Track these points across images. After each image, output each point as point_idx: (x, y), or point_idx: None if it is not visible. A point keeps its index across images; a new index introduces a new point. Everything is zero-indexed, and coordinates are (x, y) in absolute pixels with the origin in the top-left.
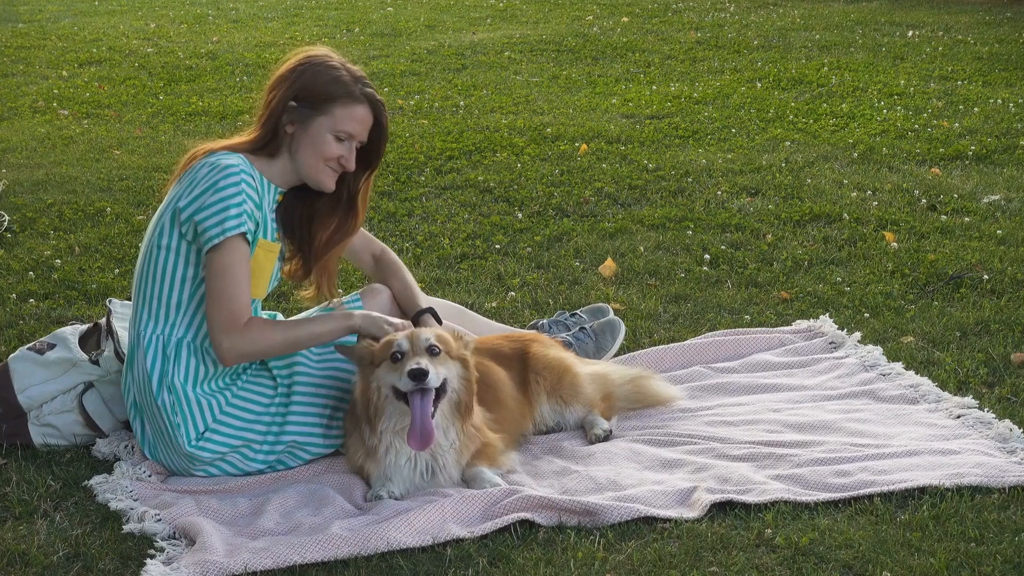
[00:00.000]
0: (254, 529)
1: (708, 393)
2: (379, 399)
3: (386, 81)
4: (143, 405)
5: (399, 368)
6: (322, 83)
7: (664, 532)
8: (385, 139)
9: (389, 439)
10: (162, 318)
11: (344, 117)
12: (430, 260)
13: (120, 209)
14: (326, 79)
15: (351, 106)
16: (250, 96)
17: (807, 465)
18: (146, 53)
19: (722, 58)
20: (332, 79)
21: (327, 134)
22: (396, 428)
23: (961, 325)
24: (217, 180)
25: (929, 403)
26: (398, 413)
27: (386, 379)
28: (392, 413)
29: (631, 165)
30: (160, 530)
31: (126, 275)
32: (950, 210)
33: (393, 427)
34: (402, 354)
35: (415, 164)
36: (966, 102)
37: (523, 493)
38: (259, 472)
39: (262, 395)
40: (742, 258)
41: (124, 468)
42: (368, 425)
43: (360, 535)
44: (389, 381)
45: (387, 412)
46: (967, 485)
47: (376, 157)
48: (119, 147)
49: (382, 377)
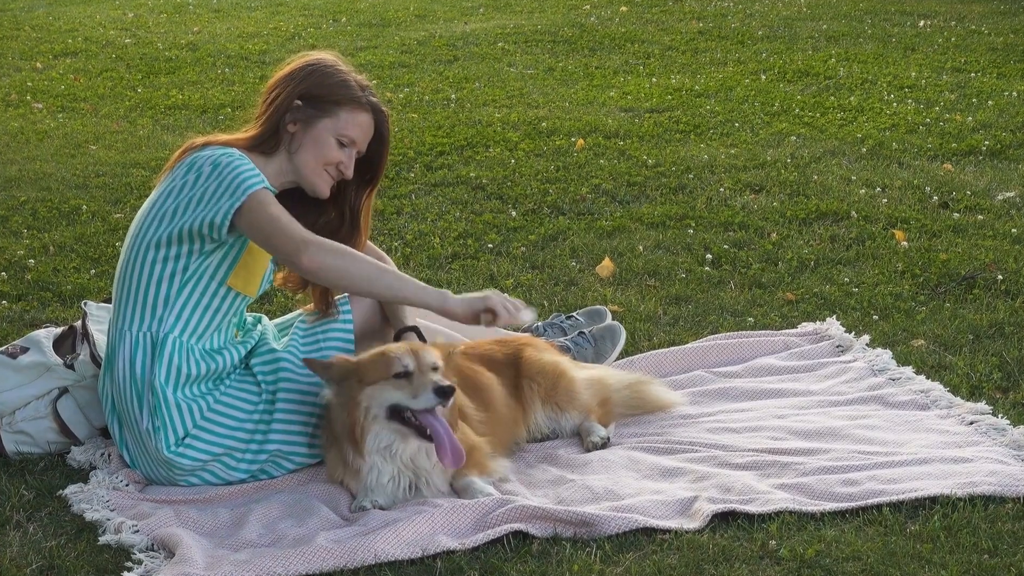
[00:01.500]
0: (236, 541)
1: (710, 399)
2: (366, 419)
3: (374, 73)
4: (122, 409)
5: (409, 386)
6: (330, 85)
7: (664, 544)
8: (386, 152)
9: (372, 460)
10: (148, 314)
11: (349, 122)
12: (420, 260)
13: (96, 207)
14: (335, 81)
15: (356, 112)
16: (232, 89)
17: (813, 474)
18: (124, 44)
19: (725, 49)
20: (341, 82)
21: (330, 137)
22: (381, 447)
23: (974, 327)
24: (218, 157)
25: (941, 409)
26: (387, 432)
27: (382, 397)
28: (379, 433)
29: (630, 161)
30: (138, 542)
31: (103, 276)
32: (963, 208)
33: (379, 447)
34: (408, 373)
35: (404, 160)
36: (980, 95)
37: (516, 503)
38: (241, 481)
39: (246, 401)
40: (745, 258)
41: (100, 477)
42: (351, 445)
43: (346, 547)
44: (387, 400)
45: (373, 432)
46: (980, 494)
47: (377, 171)
48: (95, 142)
49: (375, 396)
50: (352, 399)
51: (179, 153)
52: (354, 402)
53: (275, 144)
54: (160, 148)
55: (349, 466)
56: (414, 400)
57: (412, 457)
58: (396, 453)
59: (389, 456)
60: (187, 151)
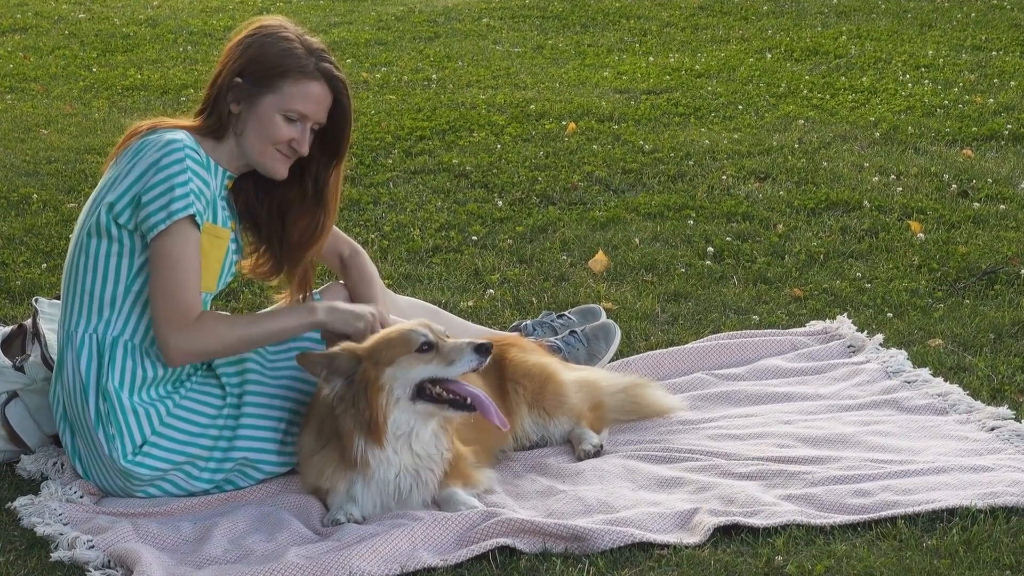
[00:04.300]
0: (199, 557)
1: (711, 403)
2: (388, 403)
3: (348, 51)
4: (74, 416)
5: (438, 356)
6: (271, 56)
7: (661, 559)
8: (349, 122)
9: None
10: (95, 315)
11: (295, 95)
12: (398, 253)
13: (48, 196)
14: (275, 52)
15: (303, 83)
16: (195, 68)
17: (822, 484)
18: (77, 19)
19: (727, 25)
20: (282, 52)
21: (275, 114)
22: (400, 434)
23: (996, 326)
24: (159, 158)
25: (960, 414)
26: (407, 416)
27: (410, 375)
28: (399, 418)
29: (625, 146)
30: (93, 558)
31: (55, 270)
32: (983, 196)
33: (397, 433)
34: (431, 343)
35: (381, 145)
36: (1002, 75)
37: (503, 516)
38: (205, 492)
39: (209, 405)
40: (750, 251)
41: (52, 488)
42: (370, 435)
43: (319, 564)
44: (417, 376)
45: (393, 417)
46: (1002, 506)
47: (340, 143)
48: (47, 125)
49: (400, 374)
50: (372, 384)
51: (124, 139)
52: (375, 386)
53: (223, 128)
54: (117, 132)
55: (353, 462)
56: (450, 368)
57: (425, 445)
58: (412, 440)
59: (405, 444)
60: (133, 136)
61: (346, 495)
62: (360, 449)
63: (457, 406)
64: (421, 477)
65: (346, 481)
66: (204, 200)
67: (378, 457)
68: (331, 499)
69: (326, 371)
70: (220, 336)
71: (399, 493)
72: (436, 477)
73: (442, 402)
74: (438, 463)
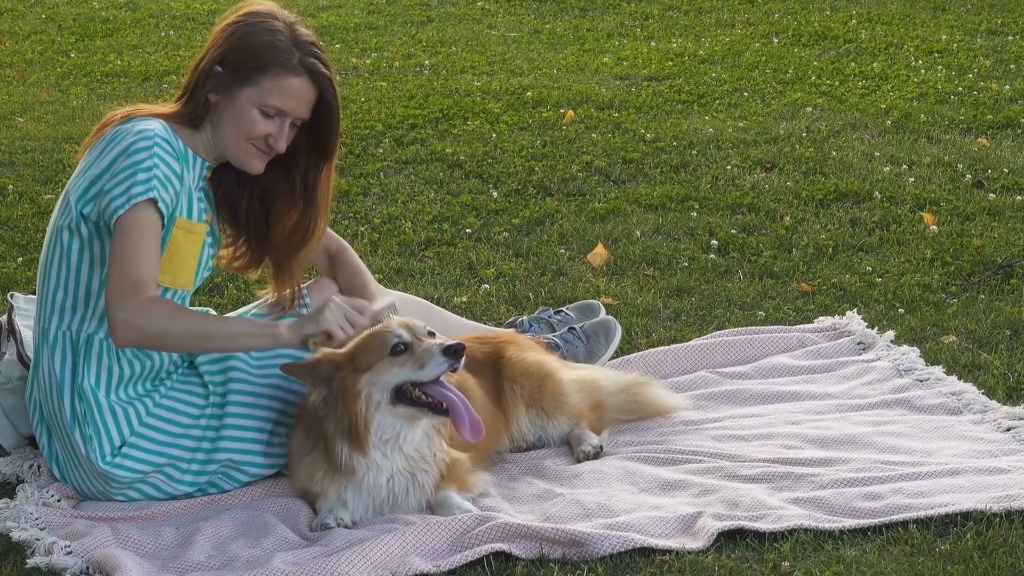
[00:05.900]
0: (182, 563)
1: (715, 402)
2: (368, 409)
3: (338, 36)
4: (50, 416)
5: (411, 358)
6: (254, 47)
7: (664, 565)
8: (336, 119)
9: (373, 456)
10: (69, 311)
11: (273, 90)
12: (389, 247)
13: (24, 186)
14: (259, 43)
15: (283, 78)
16: (177, 54)
17: (831, 487)
18: (55, 3)
19: (732, 9)
20: (266, 44)
21: (252, 108)
22: (385, 439)
23: (1012, 322)
24: (128, 145)
25: (974, 413)
26: (391, 420)
27: (384, 379)
28: (382, 423)
29: (626, 135)
30: (71, 564)
31: (31, 264)
32: (999, 187)
33: (382, 439)
34: (405, 344)
35: (372, 134)
36: (1018, 60)
37: (498, 520)
38: (187, 496)
39: (191, 404)
40: (755, 244)
41: (28, 491)
42: (351, 443)
43: (306, 570)
44: (391, 381)
45: (376, 423)
46: (1018, 509)
47: (328, 141)
48: (23, 113)
49: (375, 379)
50: (349, 391)
51: (99, 127)
52: (352, 393)
53: (200, 117)
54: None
55: (339, 468)
56: (421, 371)
57: (417, 447)
58: (401, 443)
59: (394, 448)
60: (107, 125)
61: (337, 499)
62: (344, 455)
63: (435, 410)
64: (417, 479)
65: (337, 486)
66: (173, 190)
67: (366, 463)
68: (321, 503)
69: (310, 379)
70: (168, 321)
71: (393, 497)
72: (432, 479)
73: (421, 405)
74: (432, 464)
